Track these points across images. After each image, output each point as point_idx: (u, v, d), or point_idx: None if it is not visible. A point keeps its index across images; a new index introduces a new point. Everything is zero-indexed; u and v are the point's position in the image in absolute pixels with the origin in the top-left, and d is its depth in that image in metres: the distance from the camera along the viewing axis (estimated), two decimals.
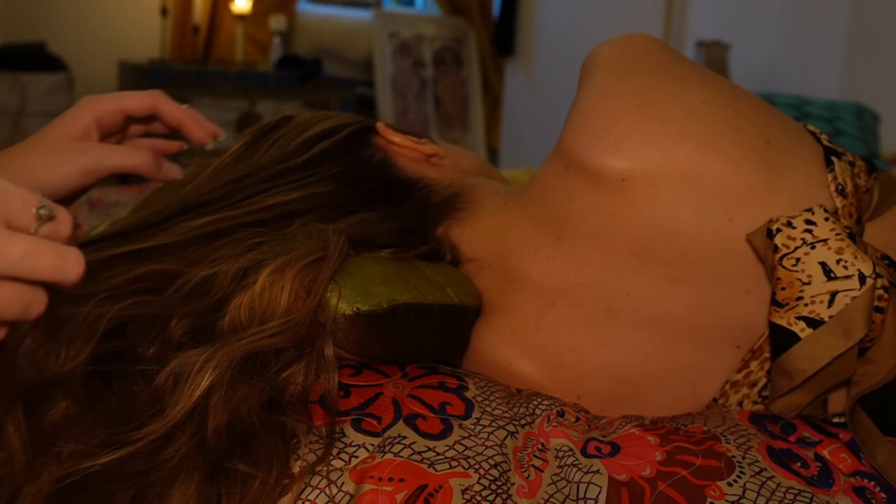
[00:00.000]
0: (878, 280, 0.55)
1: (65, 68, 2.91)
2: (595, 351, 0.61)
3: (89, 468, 0.43)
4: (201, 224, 0.57)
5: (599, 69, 0.62)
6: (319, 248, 0.55)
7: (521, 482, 0.50)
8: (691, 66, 0.63)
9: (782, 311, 0.56)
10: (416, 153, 0.73)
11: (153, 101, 0.62)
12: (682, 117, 0.58)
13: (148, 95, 0.62)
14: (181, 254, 0.55)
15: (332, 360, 0.54)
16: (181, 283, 0.52)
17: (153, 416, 0.46)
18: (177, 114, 0.63)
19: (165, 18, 3.52)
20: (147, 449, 0.45)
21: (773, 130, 0.60)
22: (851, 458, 0.55)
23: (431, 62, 3.85)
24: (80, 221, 1.16)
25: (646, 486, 0.50)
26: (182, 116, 0.63)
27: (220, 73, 3.28)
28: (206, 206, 0.60)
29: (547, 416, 0.57)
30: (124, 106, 0.61)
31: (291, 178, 0.63)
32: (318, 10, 4.11)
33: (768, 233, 0.55)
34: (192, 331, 0.51)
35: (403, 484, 0.47)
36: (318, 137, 0.68)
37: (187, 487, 0.44)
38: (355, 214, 0.63)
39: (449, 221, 0.69)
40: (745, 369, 0.60)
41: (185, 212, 0.59)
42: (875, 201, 0.61)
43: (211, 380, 0.47)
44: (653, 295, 0.60)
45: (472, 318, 0.65)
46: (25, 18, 3.33)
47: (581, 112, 0.61)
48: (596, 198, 0.59)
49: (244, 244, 0.55)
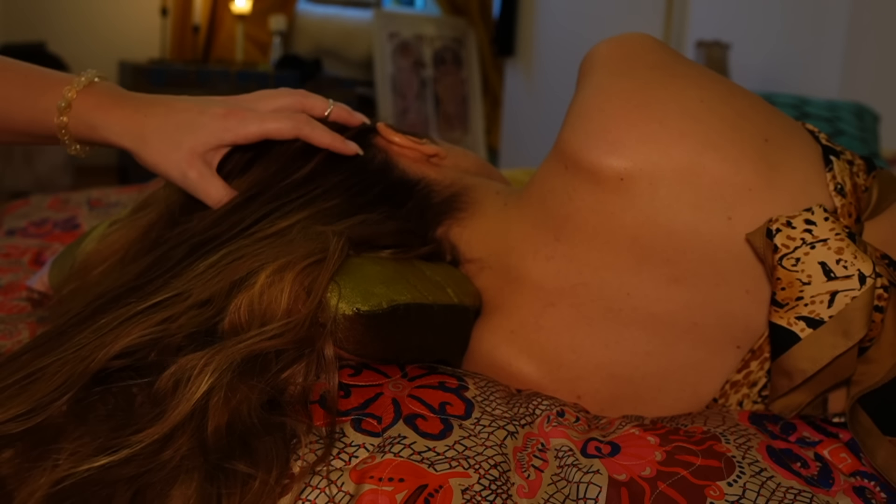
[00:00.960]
0: (878, 279, 0.55)
1: (65, 68, 2.91)
2: (595, 351, 0.61)
3: (87, 471, 0.43)
4: (215, 261, 0.56)
5: (597, 68, 0.62)
6: (319, 250, 0.55)
7: (521, 482, 0.51)
8: (689, 65, 0.63)
9: (782, 311, 0.56)
10: (416, 153, 0.73)
11: (296, 132, 0.62)
12: (681, 116, 0.58)
13: (293, 124, 0.62)
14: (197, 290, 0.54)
15: (332, 360, 0.54)
16: (190, 302, 0.52)
17: (153, 419, 0.46)
18: (324, 140, 0.64)
19: (165, 18, 3.52)
20: (146, 451, 0.45)
21: (772, 129, 0.60)
22: (851, 458, 0.55)
23: (431, 62, 3.85)
24: (79, 221, 1.16)
25: (646, 486, 0.50)
26: (329, 142, 0.64)
27: (220, 73, 3.29)
28: (217, 239, 0.59)
29: (547, 416, 0.57)
30: (267, 132, 0.61)
31: (296, 196, 0.63)
32: (318, 10, 4.11)
33: (768, 233, 0.55)
34: (192, 334, 0.51)
35: (403, 484, 0.47)
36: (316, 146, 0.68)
37: (187, 487, 0.44)
38: (356, 216, 0.63)
39: (449, 222, 0.69)
40: (745, 369, 0.60)
41: (196, 250, 0.58)
42: (874, 200, 0.61)
43: (211, 382, 0.47)
44: (653, 294, 0.60)
45: (472, 318, 0.65)
46: (25, 18, 3.33)
47: (579, 111, 0.61)
48: (595, 197, 0.59)
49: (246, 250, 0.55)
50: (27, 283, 0.84)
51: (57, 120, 0.60)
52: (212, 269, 0.54)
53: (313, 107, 0.66)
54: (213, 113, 0.60)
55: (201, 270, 0.54)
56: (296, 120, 0.62)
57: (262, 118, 0.61)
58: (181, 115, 0.60)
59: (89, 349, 0.49)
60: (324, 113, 0.66)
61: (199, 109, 0.61)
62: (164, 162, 0.60)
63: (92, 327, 0.50)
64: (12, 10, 3.31)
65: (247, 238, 0.58)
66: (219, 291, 0.52)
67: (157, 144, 0.60)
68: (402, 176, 0.70)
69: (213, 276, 0.53)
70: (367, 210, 0.64)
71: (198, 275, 0.54)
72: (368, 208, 0.64)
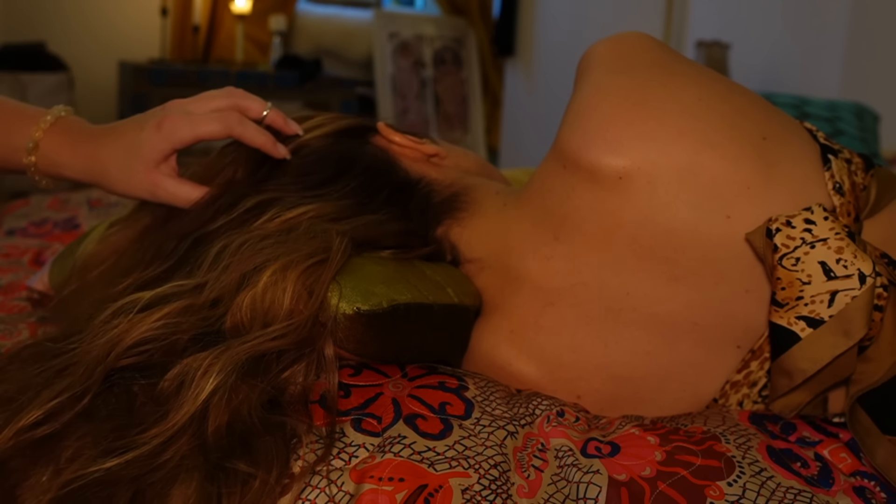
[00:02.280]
0: (878, 279, 0.55)
1: (65, 68, 2.91)
2: (595, 350, 0.61)
3: (94, 472, 0.43)
4: (221, 251, 0.56)
5: (595, 67, 0.62)
6: (322, 250, 0.55)
7: (521, 482, 0.51)
8: (687, 63, 0.63)
9: (782, 310, 0.56)
10: (416, 153, 0.73)
11: (229, 129, 0.63)
12: (679, 114, 0.58)
13: (224, 124, 0.63)
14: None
15: (333, 359, 0.54)
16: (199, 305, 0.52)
17: (157, 420, 0.46)
18: (255, 140, 0.64)
19: (165, 18, 3.52)
20: (149, 452, 0.45)
21: (771, 127, 0.60)
22: (851, 458, 0.55)
23: (431, 62, 3.85)
24: (79, 221, 1.16)
25: (646, 486, 0.50)
26: (261, 143, 0.64)
27: (220, 73, 3.28)
28: (220, 230, 0.60)
29: (547, 416, 0.57)
30: (200, 135, 0.62)
31: (309, 194, 0.64)
32: (318, 10, 4.11)
33: (767, 232, 0.55)
34: (196, 335, 0.51)
35: (403, 484, 0.47)
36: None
37: (187, 487, 0.44)
38: (360, 216, 0.63)
39: (449, 221, 0.69)
40: (745, 369, 0.60)
41: (202, 240, 0.59)
42: (872, 198, 0.61)
43: (215, 383, 0.47)
44: (652, 294, 0.60)
45: (472, 318, 0.65)
46: (25, 18, 3.33)
47: (577, 110, 0.61)
48: (593, 196, 0.59)
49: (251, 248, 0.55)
50: (27, 283, 0.84)
51: (26, 160, 0.63)
52: (220, 263, 0.54)
53: (249, 108, 0.66)
54: (150, 126, 0.62)
55: (210, 260, 0.55)
56: (227, 120, 0.63)
57: (193, 122, 0.62)
58: (125, 139, 0.62)
59: (107, 342, 0.49)
60: (260, 115, 0.66)
61: (139, 126, 0.62)
62: (128, 189, 0.63)
63: (105, 315, 0.51)
64: (12, 10, 3.30)
65: (251, 233, 0.58)
66: (228, 289, 0.52)
67: (115, 174, 0.62)
68: (403, 176, 0.70)
69: (222, 271, 0.53)
70: (371, 211, 0.64)
71: (209, 265, 0.54)
72: (373, 209, 0.65)
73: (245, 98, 0.66)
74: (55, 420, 0.46)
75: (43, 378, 0.48)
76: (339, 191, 0.65)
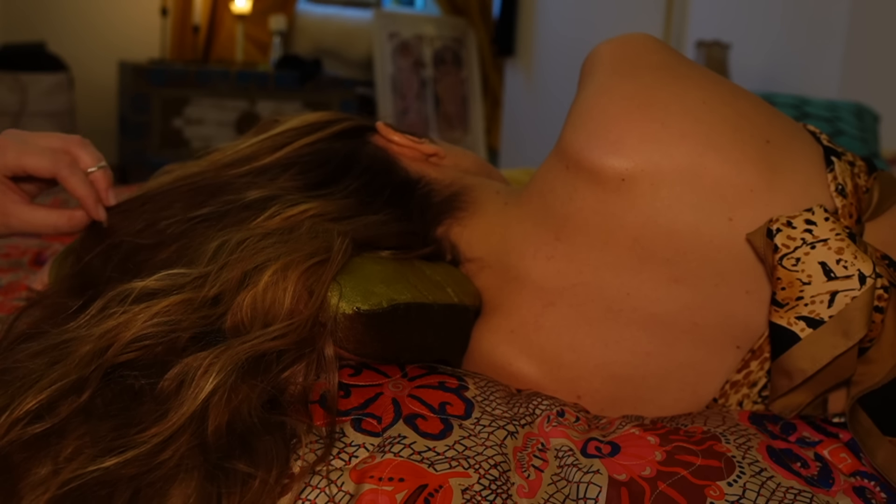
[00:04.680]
0: (878, 280, 0.55)
1: (65, 68, 2.91)
2: (595, 350, 0.61)
3: (93, 472, 0.43)
4: (221, 246, 0.56)
5: (599, 69, 0.62)
6: (323, 250, 0.55)
7: (521, 482, 0.50)
8: (691, 66, 0.63)
9: (782, 311, 0.56)
10: (415, 153, 0.73)
11: (55, 170, 0.60)
12: (683, 117, 0.58)
13: (52, 161, 0.60)
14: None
15: (333, 359, 0.54)
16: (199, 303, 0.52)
17: (157, 419, 0.46)
18: (77, 189, 0.61)
19: (165, 18, 3.51)
20: (148, 451, 0.45)
21: (774, 130, 0.60)
22: (851, 458, 0.55)
23: (431, 62, 3.85)
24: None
25: (646, 486, 0.50)
26: (82, 194, 0.61)
27: (220, 73, 3.28)
28: (224, 221, 0.59)
29: (547, 416, 0.57)
30: (24, 165, 0.60)
31: (311, 193, 0.63)
32: (318, 10, 4.11)
33: (768, 233, 0.55)
34: (196, 334, 0.51)
35: (403, 484, 0.47)
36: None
37: (187, 486, 0.44)
38: (362, 216, 0.63)
39: (449, 221, 0.69)
40: (745, 369, 0.60)
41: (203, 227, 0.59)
42: (875, 201, 0.61)
43: (215, 383, 0.47)
44: (653, 294, 0.60)
45: (472, 318, 0.65)
46: (25, 18, 3.33)
47: (581, 111, 0.61)
48: (596, 197, 0.59)
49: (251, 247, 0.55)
50: (27, 283, 0.84)
51: None
52: (220, 258, 0.54)
53: (80, 157, 0.63)
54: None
55: (210, 255, 0.54)
56: (58, 160, 0.60)
57: (22, 151, 0.60)
58: None
59: (103, 334, 0.48)
60: (88, 168, 0.63)
61: None
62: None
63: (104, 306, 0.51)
64: (12, 10, 3.30)
65: (252, 230, 0.57)
66: (229, 286, 0.52)
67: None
68: (403, 176, 0.70)
69: (223, 267, 0.53)
70: (372, 211, 0.64)
71: (208, 259, 0.54)
72: (374, 209, 0.65)
73: (82, 147, 0.63)
74: (53, 414, 0.45)
75: (36, 366, 0.47)
76: (341, 190, 0.65)
